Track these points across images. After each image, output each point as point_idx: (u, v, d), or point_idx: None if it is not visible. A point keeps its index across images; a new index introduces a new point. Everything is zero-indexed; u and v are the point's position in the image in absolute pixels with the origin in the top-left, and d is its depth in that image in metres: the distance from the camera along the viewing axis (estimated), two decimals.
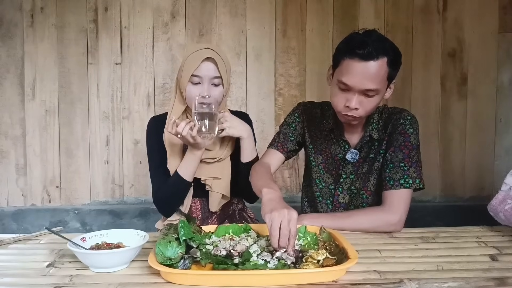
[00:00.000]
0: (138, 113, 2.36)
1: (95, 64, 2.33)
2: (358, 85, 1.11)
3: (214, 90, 1.30)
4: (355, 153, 1.28)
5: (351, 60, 1.10)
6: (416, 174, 1.18)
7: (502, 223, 1.14)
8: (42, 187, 2.37)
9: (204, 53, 1.28)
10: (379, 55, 1.09)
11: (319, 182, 1.35)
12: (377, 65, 1.09)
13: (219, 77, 1.30)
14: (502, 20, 2.38)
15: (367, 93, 1.13)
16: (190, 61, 1.29)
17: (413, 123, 1.22)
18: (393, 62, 1.13)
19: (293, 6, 2.36)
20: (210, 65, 1.29)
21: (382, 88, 1.14)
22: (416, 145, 1.21)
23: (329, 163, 1.33)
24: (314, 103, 1.41)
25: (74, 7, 2.30)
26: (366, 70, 1.09)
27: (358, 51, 1.09)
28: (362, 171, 1.28)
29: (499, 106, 2.42)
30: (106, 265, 0.86)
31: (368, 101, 1.14)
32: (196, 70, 1.28)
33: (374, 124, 1.25)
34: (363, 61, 1.09)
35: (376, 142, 1.26)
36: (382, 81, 1.13)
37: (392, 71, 1.14)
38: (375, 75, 1.10)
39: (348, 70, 1.11)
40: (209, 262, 0.87)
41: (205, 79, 1.29)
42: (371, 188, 1.27)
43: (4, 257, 0.99)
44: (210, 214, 1.41)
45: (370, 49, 1.08)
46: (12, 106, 2.33)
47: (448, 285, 0.78)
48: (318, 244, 0.98)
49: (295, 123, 1.38)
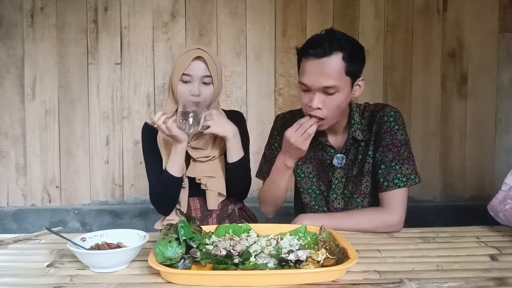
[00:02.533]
0: (138, 113, 2.36)
1: (95, 64, 2.33)
2: (315, 83, 1.11)
3: (205, 89, 1.33)
4: (341, 157, 1.26)
5: (306, 60, 1.12)
6: (409, 170, 1.17)
7: (502, 223, 1.13)
8: (42, 187, 2.37)
9: (195, 52, 1.32)
10: (332, 52, 1.09)
11: (312, 191, 1.33)
12: (331, 61, 1.09)
13: (209, 76, 1.32)
14: (502, 20, 2.38)
15: (326, 91, 1.12)
16: (181, 61, 1.33)
17: (397, 118, 1.21)
18: (351, 57, 1.11)
19: (293, 6, 2.36)
20: (200, 64, 1.31)
21: (342, 85, 1.12)
22: (404, 140, 1.19)
23: (320, 170, 1.31)
24: (293, 112, 1.39)
25: (74, 7, 2.30)
26: (320, 67, 1.10)
27: (311, 50, 1.10)
28: (352, 174, 1.26)
29: (499, 106, 2.42)
30: (106, 265, 0.86)
31: (329, 99, 1.13)
32: (187, 69, 1.31)
33: (356, 125, 1.24)
34: (317, 59, 1.10)
35: (362, 143, 1.24)
36: (340, 77, 1.11)
37: (350, 66, 1.12)
38: (330, 71, 1.10)
39: (305, 70, 1.13)
40: (209, 262, 0.87)
41: (195, 78, 1.31)
42: (364, 190, 1.25)
43: (4, 257, 0.99)
44: (210, 213, 1.42)
45: (323, 47, 1.09)
46: (12, 106, 2.33)
47: (448, 285, 0.78)
48: (318, 244, 0.98)
49: (277, 142, 1.35)
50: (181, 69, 1.32)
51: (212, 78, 1.33)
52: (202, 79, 1.32)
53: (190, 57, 1.31)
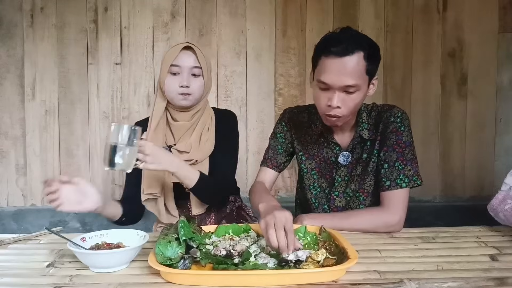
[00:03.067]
0: (138, 113, 2.36)
1: (95, 64, 2.33)
2: (337, 82, 1.10)
3: (194, 81, 1.30)
4: (347, 155, 1.26)
5: (327, 58, 1.10)
6: (412, 171, 1.17)
7: (502, 223, 1.13)
8: (42, 187, 2.36)
9: (183, 44, 1.30)
10: (354, 50, 1.09)
11: (313, 188, 1.33)
12: (353, 60, 1.09)
13: (199, 67, 1.29)
14: (502, 20, 2.38)
15: (347, 90, 1.12)
16: (169, 53, 1.30)
17: (404, 119, 1.21)
18: (370, 56, 1.11)
19: (293, 6, 2.36)
20: (189, 54, 1.29)
21: (362, 84, 1.12)
22: (409, 142, 1.20)
23: (323, 167, 1.31)
24: (300, 107, 1.39)
25: (74, 7, 2.30)
26: (343, 66, 1.09)
27: (333, 48, 1.09)
28: (356, 172, 1.26)
29: (499, 106, 2.42)
30: (106, 265, 0.86)
31: (349, 98, 1.13)
32: (175, 60, 1.28)
33: (364, 124, 1.24)
34: (339, 58, 1.09)
35: (368, 142, 1.24)
36: (361, 76, 1.11)
37: (370, 65, 1.12)
38: (352, 70, 1.09)
39: (325, 68, 1.11)
40: (209, 262, 0.87)
41: (184, 69, 1.28)
42: (368, 189, 1.26)
43: (4, 257, 0.99)
44: (208, 213, 1.40)
45: (345, 45, 1.08)
46: (12, 106, 2.33)
47: (448, 285, 0.78)
48: (318, 244, 0.98)
49: (283, 132, 1.36)
50: (169, 60, 1.28)
51: (202, 70, 1.30)
52: (192, 70, 1.29)
53: (178, 48, 1.29)
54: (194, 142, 1.35)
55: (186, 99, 1.29)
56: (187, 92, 1.28)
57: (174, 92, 1.29)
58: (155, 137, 1.31)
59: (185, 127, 1.35)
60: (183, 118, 1.35)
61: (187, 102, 1.30)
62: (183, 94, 1.28)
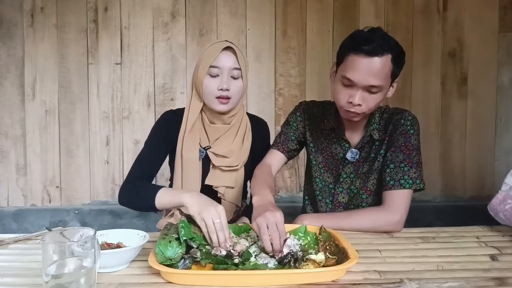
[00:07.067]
0: (138, 113, 2.36)
1: (95, 64, 2.33)
2: (362, 81, 1.11)
3: (234, 83, 1.24)
4: (355, 152, 1.28)
5: (356, 56, 1.11)
6: (416, 174, 1.18)
7: (502, 223, 1.13)
8: (42, 187, 2.37)
9: (223, 44, 1.24)
10: (384, 52, 1.09)
11: (319, 181, 1.35)
12: (382, 62, 1.09)
13: (239, 68, 1.24)
14: (502, 20, 2.38)
15: (370, 90, 1.13)
16: (208, 53, 1.24)
17: (414, 123, 1.22)
18: (397, 60, 1.13)
19: (293, 6, 2.36)
20: (229, 55, 1.23)
21: (385, 85, 1.14)
22: (416, 145, 1.21)
23: (330, 162, 1.33)
24: (315, 102, 1.41)
25: (74, 7, 2.30)
26: (371, 66, 1.09)
27: (364, 47, 1.09)
28: (362, 170, 1.28)
29: (499, 106, 2.42)
30: (106, 265, 0.86)
31: (371, 97, 1.14)
32: (215, 61, 1.22)
33: (375, 124, 1.26)
34: (368, 57, 1.09)
35: (377, 142, 1.26)
36: (386, 78, 1.13)
37: (395, 68, 1.14)
38: (379, 71, 1.10)
39: (353, 65, 1.11)
40: (209, 262, 0.87)
41: (224, 70, 1.22)
42: (371, 188, 1.27)
43: (4, 257, 0.99)
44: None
45: (375, 45, 1.08)
46: (12, 106, 2.33)
47: (448, 285, 0.78)
48: (318, 244, 0.98)
49: (297, 122, 1.38)
50: (209, 61, 1.22)
51: (241, 71, 1.24)
52: (231, 72, 1.23)
53: (218, 48, 1.22)
54: (236, 148, 1.31)
55: (224, 103, 1.23)
56: (226, 95, 1.21)
57: (212, 96, 1.23)
58: (190, 138, 1.28)
59: (221, 130, 1.31)
60: (220, 121, 1.30)
61: (224, 107, 1.24)
62: (222, 98, 1.22)
